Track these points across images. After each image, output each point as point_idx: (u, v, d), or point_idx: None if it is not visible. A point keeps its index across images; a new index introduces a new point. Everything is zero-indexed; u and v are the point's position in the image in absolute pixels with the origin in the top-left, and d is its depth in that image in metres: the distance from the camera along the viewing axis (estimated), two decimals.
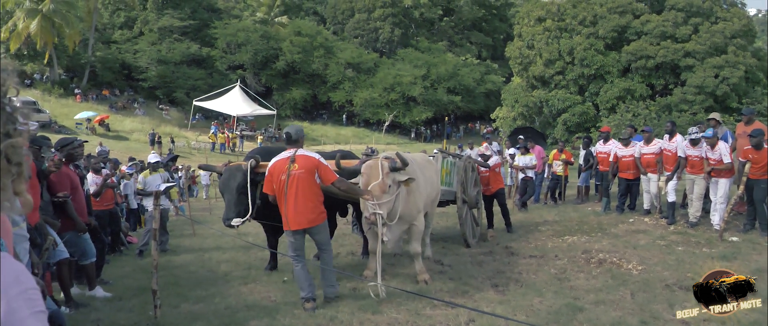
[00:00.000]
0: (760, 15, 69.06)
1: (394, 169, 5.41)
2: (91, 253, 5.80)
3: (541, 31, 38.65)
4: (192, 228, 11.25)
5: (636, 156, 9.91)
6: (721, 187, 8.23)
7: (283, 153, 5.44)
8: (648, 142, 9.82)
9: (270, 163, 5.42)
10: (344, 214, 8.31)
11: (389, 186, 5.33)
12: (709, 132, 8.32)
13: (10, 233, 2.38)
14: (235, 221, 5.70)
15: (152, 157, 9.95)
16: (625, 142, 10.36)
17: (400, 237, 6.21)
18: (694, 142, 8.51)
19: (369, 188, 5.28)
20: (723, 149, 8.17)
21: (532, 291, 5.82)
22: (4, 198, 1.22)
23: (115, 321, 5.03)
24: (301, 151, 5.35)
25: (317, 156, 5.38)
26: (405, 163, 5.47)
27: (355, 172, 5.65)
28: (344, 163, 5.86)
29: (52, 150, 5.75)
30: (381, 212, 5.23)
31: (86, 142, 7.57)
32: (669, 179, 9.06)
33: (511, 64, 42.78)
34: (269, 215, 6.29)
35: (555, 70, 37.62)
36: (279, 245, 7.20)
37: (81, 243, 5.66)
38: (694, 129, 8.66)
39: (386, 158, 5.55)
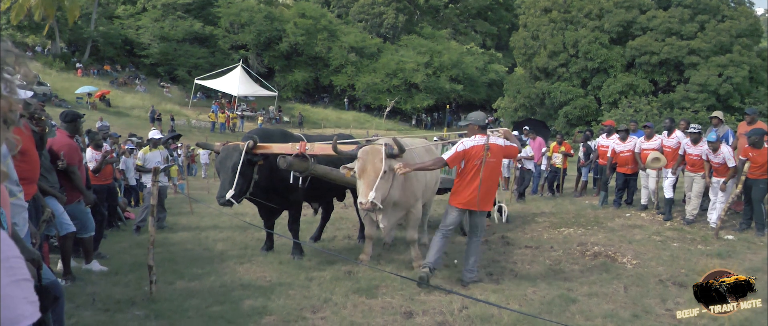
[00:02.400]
0: (767, 15, 68.66)
1: (390, 156, 5.40)
2: (90, 227, 5.82)
3: (547, 22, 38.51)
4: (190, 206, 11.28)
5: (635, 151, 9.93)
6: (725, 188, 8.20)
7: (478, 137, 5.58)
8: (649, 137, 9.84)
9: (468, 144, 5.54)
10: (341, 198, 8.33)
11: (384, 172, 5.32)
12: (713, 136, 8.27)
13: (8, 203, 2.38)
14: (229, 193, 5.71)
15: (153, 134, 9.93)
16: (622, 136, 10.37)
17: (395, 224, 6.23)
18: (695, 140, 8.50)
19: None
20: (727, 153, 8.10)
21: (526, 281, 5.86)
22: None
23: (110, 295, 5.06)
24: (492, 139, 5.57)
25: (502, 141, 5.63)
26: (402, 150, 5.46)
27: (352, 157, 5.65)
28: (341, 147, 5.86)
29: (52, 123, 5.76)
30: (376, 199, 5.22)
31: (84, 116, 7.56)
32: (674, 173, 9.07)
33: (515, 55, 42.70)
34: (264, 196, 6.31)
35: (558, 62, 37.54)
36: (275, 226, 7.22)
37: (81, 217, 5.68)
38: (695, 126, 8.66)
39: (384, 144, 5.55)
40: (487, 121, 5.77)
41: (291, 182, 6.12)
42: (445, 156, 5.59)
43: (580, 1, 37.83)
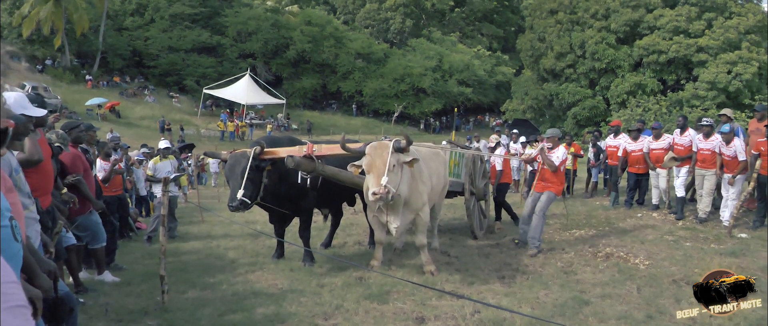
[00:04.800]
0: None
1: (398, 150, 5.45)
2: (101, 237, 5.83)
3: (553, 23, 38.41)
4: (200, 215, 11.32)
5: (645, 150, 9.84)
6: (735, 183, 8.13)
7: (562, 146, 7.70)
8: (657, 137, 9.75)
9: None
10: (352, 204, 8.34)
11: (393, 166, 5.36)
12: (727, 127, 8.19)
13: (22, 214, 2.41)
14: (240, 193, 5.73)
15: (163, 144, 10.00)
16: (634, 136, 10.29)
17: (406, 227, 6.23)
18: (707, 133, 8.42)
19: None
20: (739, 147, 8.03)
21: (539, 284, 5.82)
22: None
23: (123, 306, 5.09)
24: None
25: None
26: (410, 142, 5.52)
27: (360, 154, 5.68)
28: (349, 144, 5.92)
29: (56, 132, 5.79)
30: (390, 183, 5.23)
31: (98, 129, 7.61)
32: (690, 172, 8.99)
33: (522, 57, 42.65)
34: (275, 202, 6.33)
35: (566, 63, 37.42)
36: (286, 234, 7.24)
37: (92, 227, 5.69)
38: (707, 119, 8.62)
39: (390, 140, 5.64)
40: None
41: (299, 183, 6.15)
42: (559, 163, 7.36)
43: (586, 1, 37.69)
